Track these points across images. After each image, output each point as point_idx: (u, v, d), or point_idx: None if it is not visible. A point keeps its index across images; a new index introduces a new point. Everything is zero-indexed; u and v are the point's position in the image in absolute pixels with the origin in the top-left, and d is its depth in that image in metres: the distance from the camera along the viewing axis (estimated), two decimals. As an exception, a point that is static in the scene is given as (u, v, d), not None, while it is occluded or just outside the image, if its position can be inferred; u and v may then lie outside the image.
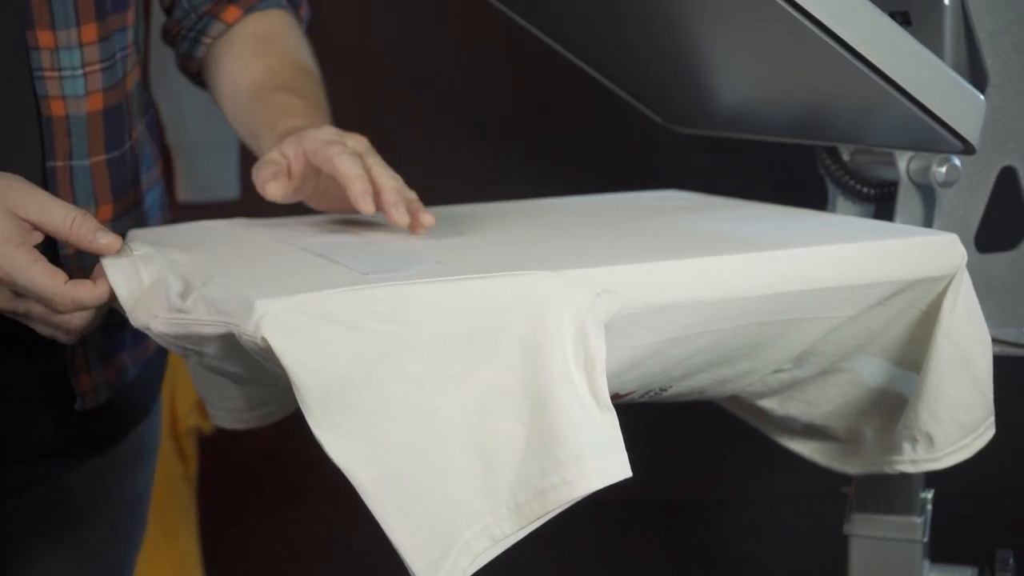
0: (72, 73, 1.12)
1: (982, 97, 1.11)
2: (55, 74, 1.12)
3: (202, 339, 0.92)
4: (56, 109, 1.12)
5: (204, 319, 0.91)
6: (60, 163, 1.13)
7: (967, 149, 1.12)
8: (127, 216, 1.20)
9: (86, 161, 1.14)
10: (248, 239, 1.13)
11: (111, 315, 1.19)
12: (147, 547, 2.01)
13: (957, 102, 1.10)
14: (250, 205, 1.24)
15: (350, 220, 1.20)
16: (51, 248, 1.10)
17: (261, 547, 2.14)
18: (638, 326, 0.93)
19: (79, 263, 1.13)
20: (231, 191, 2.03)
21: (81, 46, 1.13)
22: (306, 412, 0.84)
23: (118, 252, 1.03)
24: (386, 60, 1.99)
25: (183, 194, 2.03)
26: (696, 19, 1.23)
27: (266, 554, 2.14)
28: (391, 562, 0.87)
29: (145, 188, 1.24)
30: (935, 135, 1.12)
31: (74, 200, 1.13)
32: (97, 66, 1.14)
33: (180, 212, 1.99)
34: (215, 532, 2.09)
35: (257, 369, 0.93)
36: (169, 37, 1.32)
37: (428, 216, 1.07)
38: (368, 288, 0.86)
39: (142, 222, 1.23)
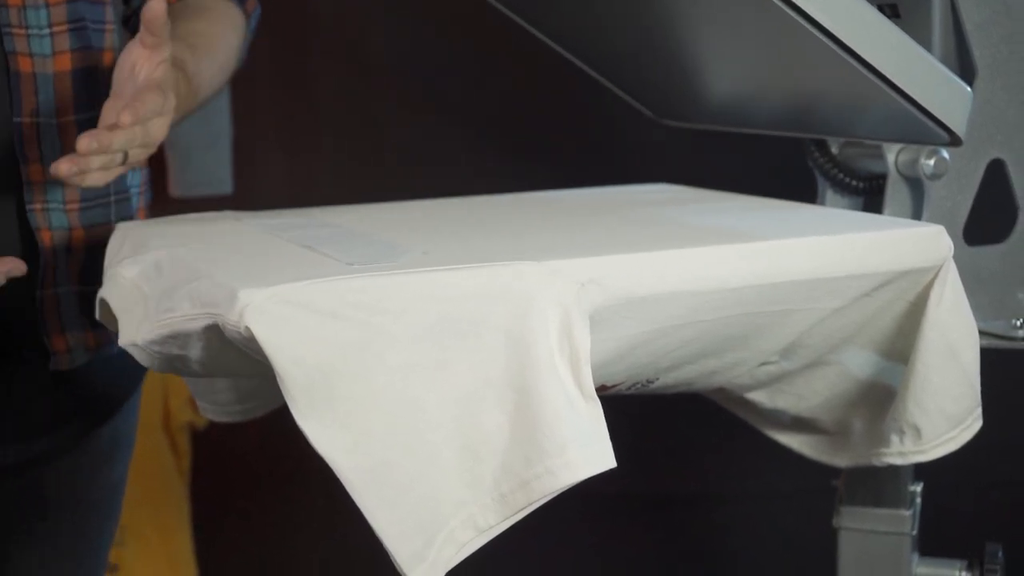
0: (39, 32, 1.14)
1: (969, 89, 1.11)
2: (22, 31, 1.14)
3: (187, 338, 0.92)
4: (23, 65, 1.14)
5: (189, 313, 0.91)
6: (27, 119, 1.14)
7: (954, 141, 1.12)
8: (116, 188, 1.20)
9: (54, 120, 1.16)
10: (235, 231, 1.13)
11: (93, 278, 1.19)
12: (140, 542, 2.01)
13: (944, 94, 1.10)
14: (243, 201, 1.24)
15: (337, 213, 1.20)
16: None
17: (255, 541, 2.14)
18: (624, 317, 0.93)
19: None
20: (224, 187, 2.04)
21: (48, 6, 1.15)
22: (290, 402, 0.84)
23: None
24: (382, 58, 1.99)
25: (176, 190, 2.03)
26: (685, 13, 1.23)
27: (261, 548, 2.14)
28: (386, 555, 0.87)
29: None
30: (922, 127, 1.12)
31: (41, 158, 1.15)
32: (64, 26, 1.16)
33: (173, 208, 1.99)
34: (209, 527, 2.09)
35: (243, 367, 0.93)
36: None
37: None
38: (352, 278, 0.86)
39: (124, 196, 1.24)
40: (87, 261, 1.20)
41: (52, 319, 1.19)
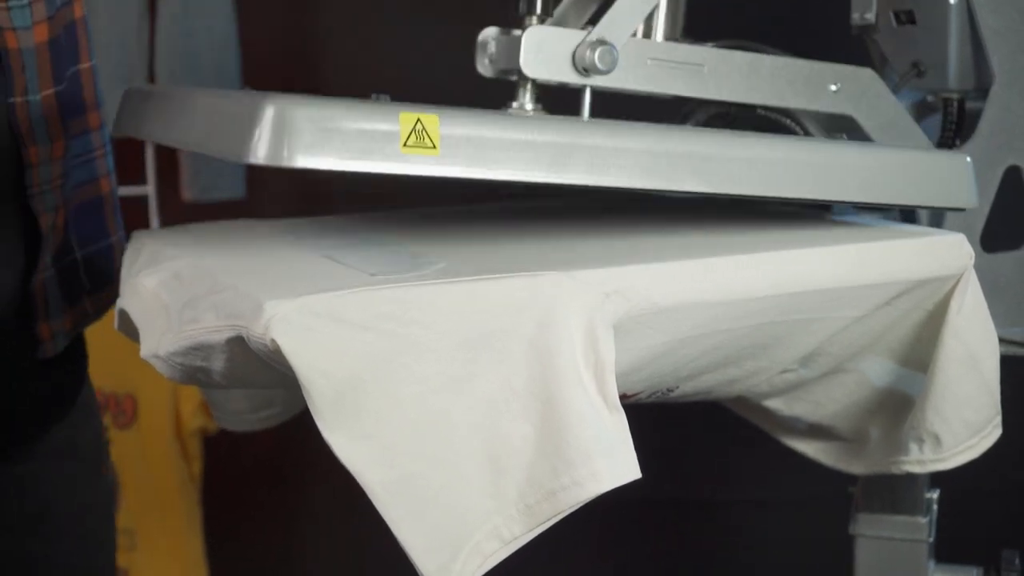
0: (19, 3, 1.11)
1: (968, 159, 1.10)
2: (3, 4, 1.10)
3: (210, 350, 0.91)
4: (10, 42, 1.10)
5: (213, 325, 0.90)
6: (19, 99, 1.11)
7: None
8: (72, 154, 1.18)
9: (38, 96, 1.13)
10: (252, 240, 1.13)
11: (65, 257, 1.16)
12: (151, 547, 2.01)
13: (946, 181, 1.09)
14: (255, 205, 1.23)
15: (355, 221, 1.19)
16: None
17: (267, 547, 2.14)
18: (647, 327, 0.93)
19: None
20: (236, 191, 2.04)
21: None
22: (316, 415, 0.84)
23: None
24: (395, 64, 1.99)
25: (188, 194, 2.03)
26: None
27: (272, 554, 2.14)
28: (398, 561, 0.86)
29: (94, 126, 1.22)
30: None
31: (34, 138, 1.12)
32: None
33: (186, 211, 1.99)
34: (220, 532, 2.09)
35: (267, 379, 0.93)
36: None
37: None
38: (378, 289, 0.86)
39: (89, 160, 1.21)
40: (65, 237, 1.17)
41: (40, 306, 1.16)
